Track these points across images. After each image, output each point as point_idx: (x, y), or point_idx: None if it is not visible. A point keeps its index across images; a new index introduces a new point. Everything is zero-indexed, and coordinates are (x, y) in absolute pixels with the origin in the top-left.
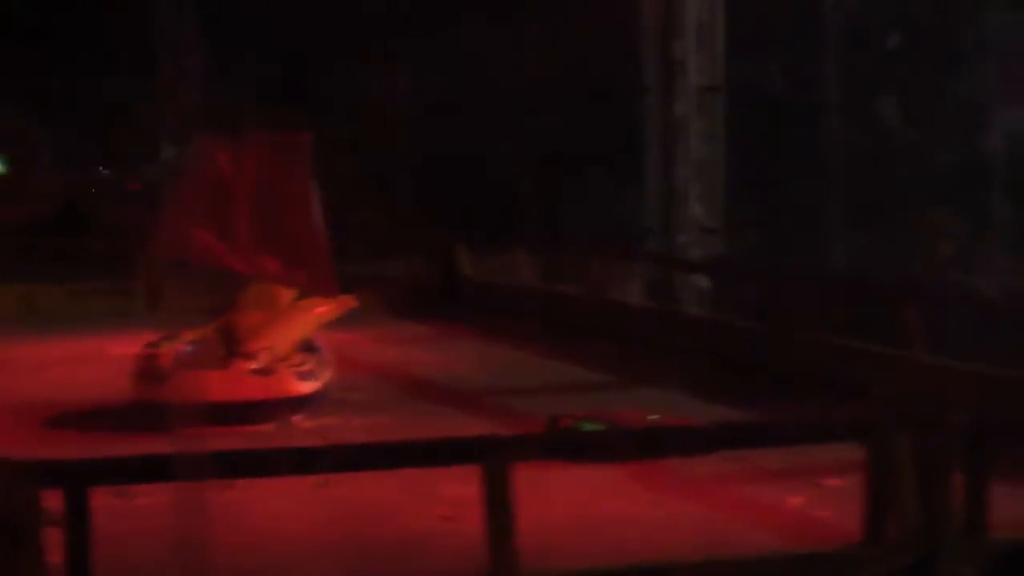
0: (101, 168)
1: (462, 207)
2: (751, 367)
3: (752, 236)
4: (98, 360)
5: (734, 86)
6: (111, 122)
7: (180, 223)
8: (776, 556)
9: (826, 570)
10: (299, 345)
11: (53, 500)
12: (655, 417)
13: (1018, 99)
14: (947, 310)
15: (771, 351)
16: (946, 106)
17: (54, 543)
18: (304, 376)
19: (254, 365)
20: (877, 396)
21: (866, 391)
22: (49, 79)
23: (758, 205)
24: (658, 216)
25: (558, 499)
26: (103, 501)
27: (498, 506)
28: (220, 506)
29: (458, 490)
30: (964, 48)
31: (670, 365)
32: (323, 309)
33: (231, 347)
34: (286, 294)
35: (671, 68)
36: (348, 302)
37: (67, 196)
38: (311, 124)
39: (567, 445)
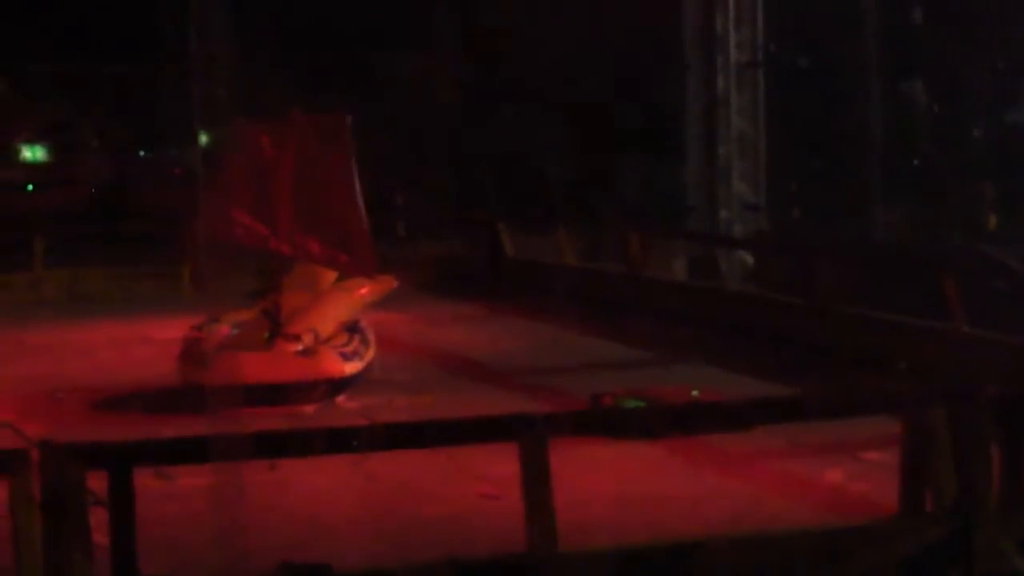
0: (140, 152)
1: (504, 187)
2: (792, 342)
3: (794, 211)
4: (143, 343)
5: (773, 62)
6: (152, 108)
7: (223, 206)
8: (813, 530)
9: (863, 543)
10: (342, 326)
11: (98, 482)
12: (695, 393)
13: None
14: (984, 283)
15: (811, 326)
16: (978, 80)
17: (99, 524)
18: (347, 357)
19: (297, 346)
20: (913, 369)
21: (903, 364)
22: (91, 66)
23: (800, 180)
24: (700, 193)
25: (599, 476)
26: (147, 483)
27: (535, 482)
28: (262, 486)
29: (500, 468)
30: (993, 20)
31: (711, 341)
32: (365, 290)
33: (274, 329)
34: (328, 275)
35: (711, 45)
36: (390, 283)
37: (111, 181)
38: (351, 106)
39: (601, 422)
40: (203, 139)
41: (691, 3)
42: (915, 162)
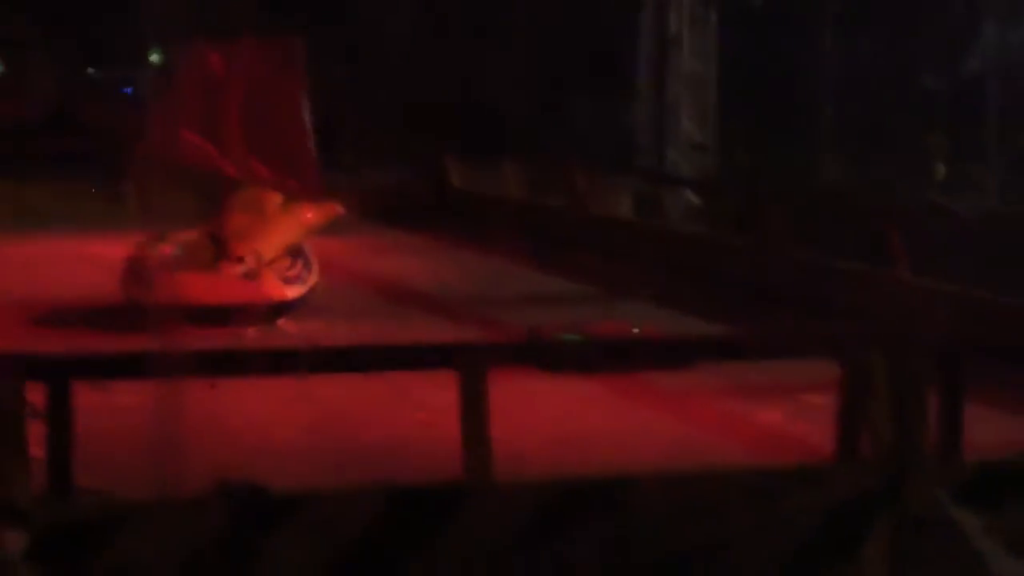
0: (89, 69)
1: (454, 118)
2: (736, 283)
3: (742, 153)
4: (86, 260)
5: (729, 2)
6: (104, 24)
7: (171, 125)
8: (745, 469)
9: (796, 485)
10: (286, 250)
11: (36, 394)
12: (636, 330)
13: (1001, 19)
14: (928, 231)
15: (753, 267)
16: (932, 28)
17: (36, 438)
18: (290, 281)
19: (240, 268)
20: (855, 314)
21: (845, 308)
22: None
23: (750, 124)
24: (649, 132)
25: (535, 409)
26: (85, 399)
27: (473, 412)
28: (201, 405)
29: (438, 396)
30: None
31: (653, 279)
32: (310, 215)
33: (218, 250)
34: (274, 199)
35: None
36: (335, 209)
37: (59, 97)
38: (304, 31)
39: (543, 354)
40: (154, 58)
41: None
42: (866, 110)
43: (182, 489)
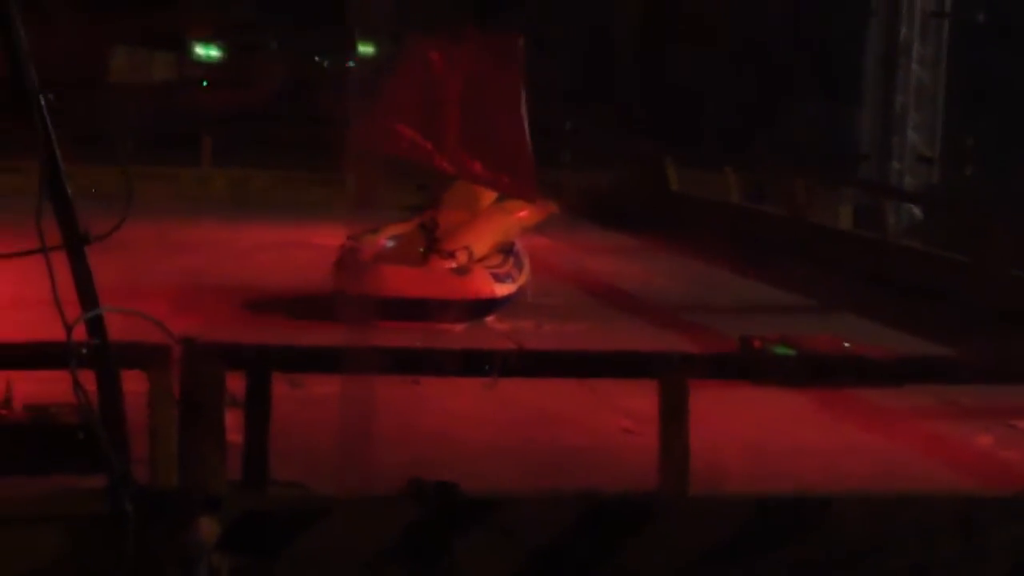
0: (316, 58)
1: (673, 122)
2: (955, 301)
3: (968, 167)
4: (301, 247)
5: (960, 12)
6: (335, 14)
7: (389, 119)
8: (953, 496)
9: (1002, 515)
10: (498, 247)
11: (236, 383)
12: (848, 345)
13: None
14: None
15: (977, 286)
16: None
17: (235, 425)
18: (500, 278)
19: (451, 264)
20: None
21: None
22: None
23: (977, 136)
24: (873, 142)
25: (740, 421)
26: (283, 389)
27: (672, 422)
28: (401, 401)
29: (642, 403)
30: None
31: (871, 293)
32: (524, 213)
33: (430, 245)
34: (488, 195)
35: None
36: (549, 208)
37: (285, 85)
38: (525, 28)
39: (745, 367)
40: (375, 49)
41: None
42: None
43: (375, 486)
